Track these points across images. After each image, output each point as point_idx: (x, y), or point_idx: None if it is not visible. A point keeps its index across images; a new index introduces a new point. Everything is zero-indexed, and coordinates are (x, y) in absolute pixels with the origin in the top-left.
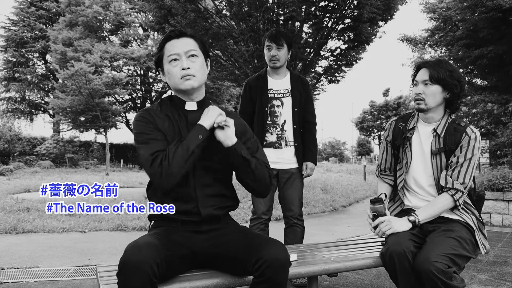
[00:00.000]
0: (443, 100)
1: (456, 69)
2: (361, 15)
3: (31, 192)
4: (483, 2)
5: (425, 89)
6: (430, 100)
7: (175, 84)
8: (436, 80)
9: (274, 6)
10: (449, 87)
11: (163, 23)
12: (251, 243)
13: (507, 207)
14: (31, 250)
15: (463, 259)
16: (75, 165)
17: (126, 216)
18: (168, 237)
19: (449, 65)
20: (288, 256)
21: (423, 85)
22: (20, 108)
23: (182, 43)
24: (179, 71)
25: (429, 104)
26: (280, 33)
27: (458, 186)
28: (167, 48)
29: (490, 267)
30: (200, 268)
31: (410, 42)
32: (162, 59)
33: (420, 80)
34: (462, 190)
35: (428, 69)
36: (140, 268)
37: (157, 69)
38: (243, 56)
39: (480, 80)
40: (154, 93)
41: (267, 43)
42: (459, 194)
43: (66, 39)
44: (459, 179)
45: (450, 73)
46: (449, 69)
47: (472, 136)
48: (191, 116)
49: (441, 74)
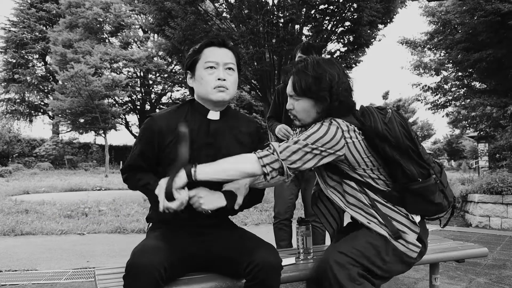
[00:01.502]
0: (319, 113)
1: (328, 73)
2: (360, 18)
3: (29, 194)
4: (482, 6)
5: (295, 104)
6: (302, 116)
7: (206, 92)
8: (301, 93)
9: (274, 9)
10: (318, 99)
11: (163, 25)
12: (243, 246)
13: (506, 210)
14: (29, 252)
15: (373, 264)
16: (74, 167)
17: (125, 219)
18: (170, 240)
19: (318, 68)
20: (280, 260)
21: (292, 98)
22: (20, 110)
23: (222, 53)
24: (214, 80)
25: (303, 120)
26: (312, 46)
27: (275, 145)
28: (205, 54)
29: (489, 270)
30: (198, 271)
31: (409, 45)
32: (196, 63)
33: (288, 93)
34: (273, 149)
35: (292, 78)
36: (148, 272)
37: (186, 71)
38: (243, 58)
39: (479, 83)
40: (153, 95)
41: (299, 54)
42: (266, 152)
43: (66, 40)
44: (282, 149)
45: (315, 80)
46: (315, 75)
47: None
48: (213, 126)
49: (303, 83)
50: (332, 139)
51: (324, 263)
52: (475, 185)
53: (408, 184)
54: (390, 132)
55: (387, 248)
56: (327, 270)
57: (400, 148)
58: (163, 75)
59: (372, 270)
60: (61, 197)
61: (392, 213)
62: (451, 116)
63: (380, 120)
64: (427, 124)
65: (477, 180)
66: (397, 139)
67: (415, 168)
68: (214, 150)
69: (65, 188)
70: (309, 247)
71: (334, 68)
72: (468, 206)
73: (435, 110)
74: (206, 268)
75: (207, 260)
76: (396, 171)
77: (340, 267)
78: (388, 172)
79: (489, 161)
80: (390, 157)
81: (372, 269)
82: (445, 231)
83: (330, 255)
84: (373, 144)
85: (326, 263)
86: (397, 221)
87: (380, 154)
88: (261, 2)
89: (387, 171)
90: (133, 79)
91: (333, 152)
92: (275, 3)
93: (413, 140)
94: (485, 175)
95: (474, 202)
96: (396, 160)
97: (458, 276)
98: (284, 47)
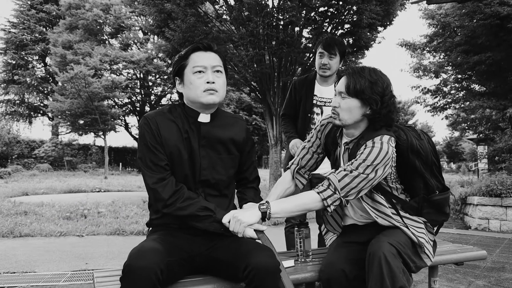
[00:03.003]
0: (363, 116)
1: (382, 80)
2: (360, 20)
3: (29, 195)
4: (481, 9)
5: (341, 102)
6: (345, 115)
7: (196, 96)
8: (353, 93)
9: (274, 11)
10: (368, 101)
11: (163, 27)
12: (241, 249)
13: (505, 213)
14: (28, 254)
15: (410, 260)
16: (73, 168)
17: (124, 221)
18: (169, 241)
19: (374, 74)
20: (278, 263)
21: (340, 96)
22: (19, 111)
23: (209, 57)
24: (203, 83)
25: (344, 119)
26: (334, 41)
27: (333, 178)
28: (193, 59)
29: (488, 273)
30: (197, 273)
31: (409, 47)
32: (184, 69)
33: (337, 90)
34: (334, 188)
35: (346, 78)
36: (145, 273)
37: (174, 77)
38: (242, 60)
39: (478, 86)
40: (153, 97)
41: (320, 49)
42: (329, 192)
43: (66, 42)
44: (340, 182)
45: (370, 84)
46: (372, 80)
47: (369, 145)
48: (204, 129)
49: (358, 86)
50: (383, 158)
51: (375, 253)
52: (474, 188)
53: (430, 196)
54: (422, 148)
55: (415, 248)
56: (381, 259)
57: (427, 163)
58: (162, 76)
59: (409, 264)
60: (60, 198)
61: (413, 223)
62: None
63: (414, 136)
64: (427, 127)
65: (476, 182)
66: (427, 154)
67: (434, 181)
68: (207, 151)
69: (64, 190)
70: (308, 250)
71: (387, 79)
72: (467, 208)
73: (434, 113)
74: (204, 271)
75: (205, 263)
76: (418, 184)
77: (394, 257)
78: (408, 184)
79: (489, 163)
80: (418, 170)
81: (409, 264)
82: (444, 234)
83: (382, 245)
84: (405, 157)
85: (378, 252)
86: (417, 229)
87: (407, 167)
88: (261, 4)
89: (404, 184)
90: (132, 81)
91: (379, 169)
92: (275, 5)
93: (437, 157)
94: (484, 177)
95: (473, 205)
96: (422, 173)
97: (457, 279)
98: (283, 49)
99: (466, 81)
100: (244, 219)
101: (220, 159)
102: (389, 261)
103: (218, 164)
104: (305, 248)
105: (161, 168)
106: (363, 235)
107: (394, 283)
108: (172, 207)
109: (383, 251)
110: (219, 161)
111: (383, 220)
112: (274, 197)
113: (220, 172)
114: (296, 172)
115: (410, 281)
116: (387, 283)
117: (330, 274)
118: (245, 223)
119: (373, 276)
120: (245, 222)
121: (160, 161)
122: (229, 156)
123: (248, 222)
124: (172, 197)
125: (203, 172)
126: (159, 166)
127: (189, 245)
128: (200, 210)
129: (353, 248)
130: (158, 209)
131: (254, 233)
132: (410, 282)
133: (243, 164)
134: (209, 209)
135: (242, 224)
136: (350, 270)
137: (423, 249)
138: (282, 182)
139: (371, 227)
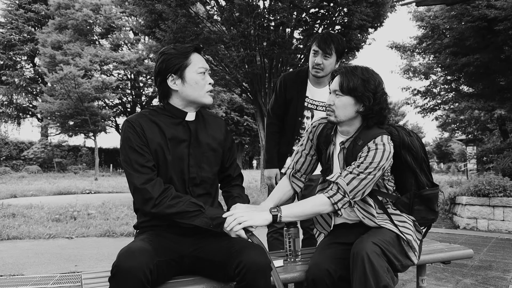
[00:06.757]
0: (356, 113)
1: (374, 78)
2: (351, 22)
3: (17, 198)
4: (469, 11)
5: (336, 100)
6: (340, 112)
7: (199, 95)
8: (346, 91)
9: (265, 12)
10: (361, 99)
11: (153, 27)
12: (232, 247)
13: (492, 213)
14: (15, 257)
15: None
16: (63, 170)
17: (114, 222)
18: (157, 242)
19: (366, 73)
20: (269, 260)
21: (334, 95)
22: (7, 112)
23: (204, 60)
24: (207, 84)
25: (339, 117)
26: (331, 39)
27: (341, 182)
28: (194, 60)
29: (475, 271)
30: (186, 273)
31: (399, 49)
32: (186, 68)
33: (332, 89)
34: (343, 192)
35: (340, 77)
36: (134, 274)
37: (167, 74)
38: (233, 61)
39: (467, 87)
40: (144, 98)
41: (314, 47)
42: (339, 196)
43: (55, 42)
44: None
45: (363, 82)
46: (364, 78)
47: (372, 147)
48: (192, 126)
49: (352, 84)
50: (388, 157)
51: (358, 253)
52: (463, 188)
53: (420, 191)
54: (413, 144)
55: (401, 247)
56: (364, 259)
57: (417, 159)
58: None
59: (394, 263)
60: (50, 200)
61: (401, 221)
62: (440, 119)
63: (404, 133)
64: (417, 128)
65: (465, 182)
66: (417, 150)
67: (424, 178)
68: (196, 148)
69: (54, 192)
70: (297, 250)
71: (379, 77)
72: (456, 208)
73: (424, 114)
74: (194, 271)
75: (195, 262)
76: (409, 179)
77: (378, 256)
78: (399, 180)
79: (477, 164)
80: (410, 166)
81: (395, 263)
82: (433, 233)
83: (365, 245)
84: (397, 152)
85: (361, 252)
86: (405, 227)
87: (399, 162)
88: (252, 5)
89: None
90: (123, 82)
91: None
92: (266, 6)
93: (426, 154)
94: (472, 177)
95: (462, 205)
96: (413, 169)
97: (445, 278)
98: (275, 50)
99: (455, 82)
100: (253, 220)
101: (206, 156)
102: (372, 260)
103: (204, 161)
104: (295, 248)
105: (148, 169)
106: (352, 234)
107: (378, 283)
108: (162, 205)
109: (366, 251)
110: (204, 159)
111: (369, 221)
112: (273, 199)
113: (206, 170)
114: (292, 176)
115: (395, 280)
116: (371, 283)
117: (315, 275)
118: (251, 223)
119: (357, 276)
120: (253, 223)
121: (147, 162)
122: (213, 154)
123: (256, 223)
124: (161, 195)
125: (191, 169)
126: (146, 167)
127: (177, 245)
128: (190, 206)
129: (340, 248)
130: (146, 211)
131: (244, 233)
132: (395, 281)
133: (226, 161)
134: (198, 205)
135: (242, 223)
136: (335, 270)
137: (410, 245)
138: (282, 185)
139: (359, 227)
